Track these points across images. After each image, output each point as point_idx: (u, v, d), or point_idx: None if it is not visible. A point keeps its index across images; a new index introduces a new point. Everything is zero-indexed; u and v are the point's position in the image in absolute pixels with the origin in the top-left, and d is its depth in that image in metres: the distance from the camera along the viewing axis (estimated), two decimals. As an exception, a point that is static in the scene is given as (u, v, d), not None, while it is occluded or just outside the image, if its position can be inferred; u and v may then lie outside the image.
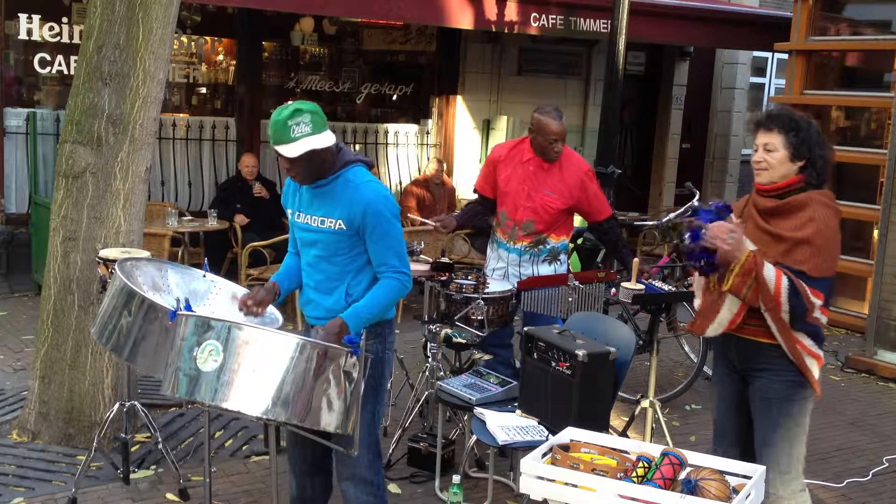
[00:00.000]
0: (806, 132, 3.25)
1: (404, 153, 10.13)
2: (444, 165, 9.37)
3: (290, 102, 3.28)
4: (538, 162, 4.85)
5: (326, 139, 3.22)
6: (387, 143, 9.99)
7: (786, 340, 3.24)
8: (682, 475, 2.82)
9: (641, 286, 4.62)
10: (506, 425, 3.75)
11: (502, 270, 4.97)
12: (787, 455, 3.35)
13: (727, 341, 3.41)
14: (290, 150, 3.18)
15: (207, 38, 9.15)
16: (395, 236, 3.35)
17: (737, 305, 3.27)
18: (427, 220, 5.17)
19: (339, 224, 3.32)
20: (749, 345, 3.35)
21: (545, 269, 4.91)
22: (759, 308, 3.20)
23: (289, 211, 3.50)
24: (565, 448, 3.00)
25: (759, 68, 12.78)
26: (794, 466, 3.37)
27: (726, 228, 3.15)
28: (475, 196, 5.20)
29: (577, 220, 5.25)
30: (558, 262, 4.97)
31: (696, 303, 3.50)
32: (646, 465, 2.83)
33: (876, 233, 7.41)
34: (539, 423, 3.76)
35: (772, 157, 3.26)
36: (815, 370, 3.31)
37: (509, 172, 4.93)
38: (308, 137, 3.17)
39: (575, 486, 2.77)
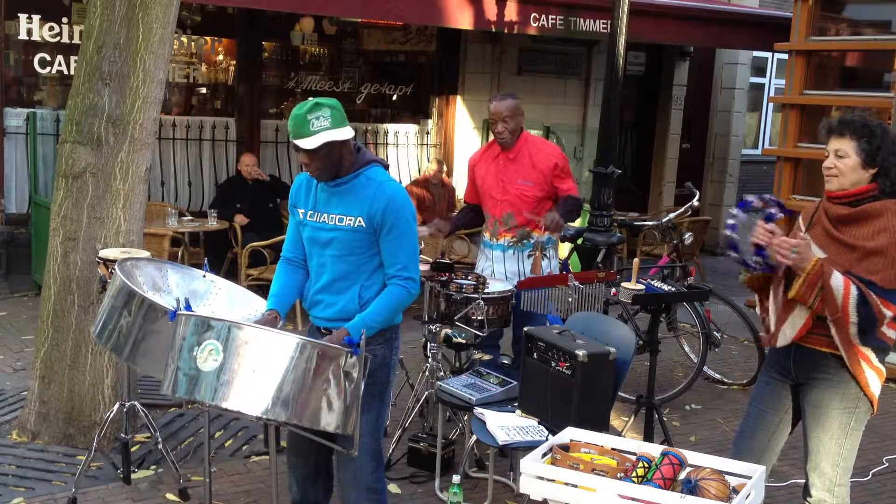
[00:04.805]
0: (880, 139, 3.16)
1: (404, 153, 10.13)
2: (444, 166, 9.36)
3: (310, 99, 3.28)
4: (506, 155, 4.91)
5: (345, 133, 3.24)
6: (387, 143, 9.99)
7: (847, 351, 3.18)
8: (682, 475, 2.82)
9: (641, 286, 4.63)
10: (506, 425, 3.75)
11: (488, 270, 4.98)
12: (835, 465, 3.31)
13: (786, 350, 3.35)
14: (309, 143, 3.18)
15: (207, 38, 9.15)
16: (411, 238, 3.35)
17: (805, 314, 3.21)
18: (421, 228, 5.17)
19: (359, 221, 3.30)
20: (810, 354, 3.29)
21: (530, 266, 4.91)
22: (826, 317, 3.14)
23: (299, 211, 3.45)
24: (565, 448, 3.00)
25: (759, 68, 12.76)
26: (842, 477, 3.33)
27: (791, 243, 3.10)
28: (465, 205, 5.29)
29: (577, 221, 5.25)
30: (546, 259, 4.92)
31: (759, 311, 3.45)
32: (646, 465, 2.83)
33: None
34: (539, 423, 3.76)
35: (843, 163, 3.18)
36: (874, 384, 3.25)
37: (484, 172, 5.02)
38: (327, 131, 3.19)
39: (575, 486, 2.77)
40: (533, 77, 10.50)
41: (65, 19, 8.16)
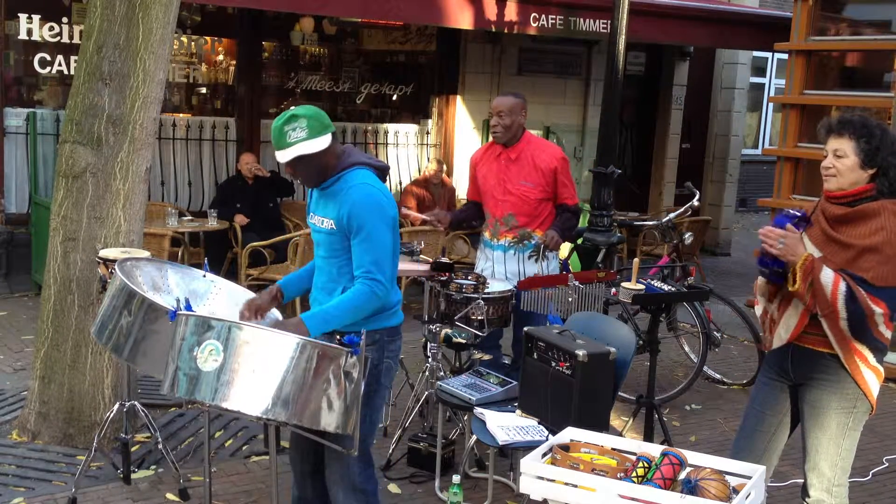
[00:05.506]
0: (879, 139, 3.15)
1: (404, 153, 10.13)
2: (444, 166, 9.36)
3: (291, 108, 3.31)
4: (508, 155, 4.90)
5: (321, 143, 3.26)
6: (387, 143, 9.98)
7: (842, 348, 3.18)
8: (682, 475, 2.82)
9: (641, 286, 4.63)
10: (506, 425, 3.75)
11: (489, 270, 4.97)
12: (833, 465, 3.31)
13: (784, 351, 3.36)
14: (283, 156, 3.27)
15: (207, 38, 9.14)
16: (378, 241, 3.29)
17: (798, 313, 3.22)
18: (423, 216, 5.19)
19: (331, 224, 3.35)
20: (807, 354, 3.29)
21: (531, 267, 4.88)
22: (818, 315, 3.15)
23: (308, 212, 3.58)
24: (565, 448, 3.00)
25: (759, 68, 12.77)
26: (840, 477, 3.33)
27: (777, 234, 3.11)
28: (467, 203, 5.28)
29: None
30: (546, 260, 4.89)
31: (758, 311, 3.45)
32: (646, 465, 2.83)
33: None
34: (539, 423, 3.76)
35: (841, 163, 3.17)
36: (872, 384, 3.24)
37: (485, 171, 5.02)
38: (302, 143, 3.23)
39: (575, 486, 2.77)
40: (533, 77, 10.50)
41: (65, 19, 8.16)
